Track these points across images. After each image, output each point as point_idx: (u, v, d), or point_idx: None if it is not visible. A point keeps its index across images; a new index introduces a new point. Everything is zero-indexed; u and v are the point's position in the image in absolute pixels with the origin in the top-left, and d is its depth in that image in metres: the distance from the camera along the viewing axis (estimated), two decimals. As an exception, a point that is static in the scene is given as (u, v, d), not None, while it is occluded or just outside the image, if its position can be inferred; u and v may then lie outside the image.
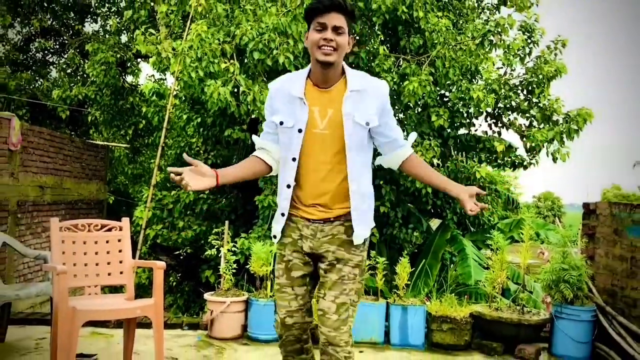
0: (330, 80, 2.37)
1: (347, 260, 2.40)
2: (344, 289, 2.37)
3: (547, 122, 7.50)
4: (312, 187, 2.38)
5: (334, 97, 2.37)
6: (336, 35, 2.29)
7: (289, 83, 2.42)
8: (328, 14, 2.28)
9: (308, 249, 2.41)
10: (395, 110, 7.91)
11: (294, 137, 2.35)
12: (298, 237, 2.43)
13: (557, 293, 4.80)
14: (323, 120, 2.35)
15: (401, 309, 4.88)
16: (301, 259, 2.44)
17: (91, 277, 3.82)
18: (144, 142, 11.94)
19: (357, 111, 2.34)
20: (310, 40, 2.33)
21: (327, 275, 2.40)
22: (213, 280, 7.24)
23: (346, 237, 2.40)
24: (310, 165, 2.36)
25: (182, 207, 7.70)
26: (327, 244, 2.39)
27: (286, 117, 2.38)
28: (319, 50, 2.29)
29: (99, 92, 10.39)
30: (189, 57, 6.29)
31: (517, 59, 7.48)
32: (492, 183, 9.54)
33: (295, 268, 2.44)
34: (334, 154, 2.35)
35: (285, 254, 2.46)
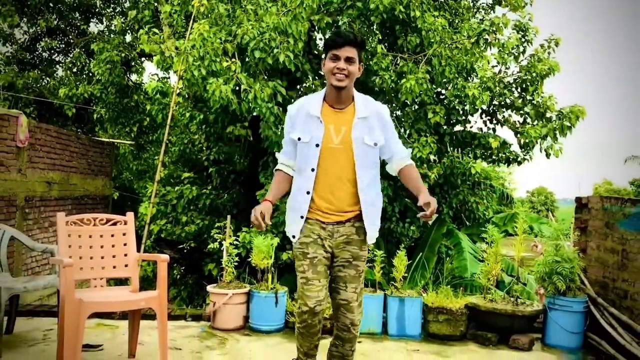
0: (343, 101, 2.74)
1: (360, 256, 2.81)
2: (360, 281, 2.82)
3: (540, 119, 7.49)
4: (327, 193, 2.74)
5: (347, 117, 2.74)
6: (348, 64, 2.66)
7: (307, 104, 2.77)
8: (342, 48, 2.66)
9: (328, 247, 2.77)
10: (392, 107, 7.91)
11: (311, 151, 2.71)
12: (317, 236, 2.76)
13: (550, 285, 4.81)
14: (338, 136, 2.71)
15: (398, 300, 4.88)
16: (323, 254, 2.76)
17: (97, 269, 3.83)
18: (148, 139, 11.93)
19: (366, 134, 2.73)
20: (326, 68, 2.70)
21: (345, 270, 2.80)
22: (215, 273, 7.24)
23: (357, 237, 2.80)
24: (327, 175, 2.72)
25: (185, 203, 7.70)
26: (343, 243, 2.78)
27: (304, 134, 2.73)
28: (333, 77, 2.66)
29: (105, 91, 10.37)
30: (191, 56, 6.28)
31: (512, 58, 7.46)
32: (487, 178, 9.54)
33: (320, 263, 2.75)
34: (346, 166, 2.72)
35: (308, 251, 2.74)
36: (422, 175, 6.88)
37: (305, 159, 2.75)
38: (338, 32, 2.75)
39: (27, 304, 5.84)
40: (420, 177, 2.90)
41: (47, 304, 6.03)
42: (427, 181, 6.93)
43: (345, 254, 2.80)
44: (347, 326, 2.82)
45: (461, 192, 8.35)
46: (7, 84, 12.11)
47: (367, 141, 2.73)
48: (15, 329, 4.47)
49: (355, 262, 2.81)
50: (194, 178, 8.22)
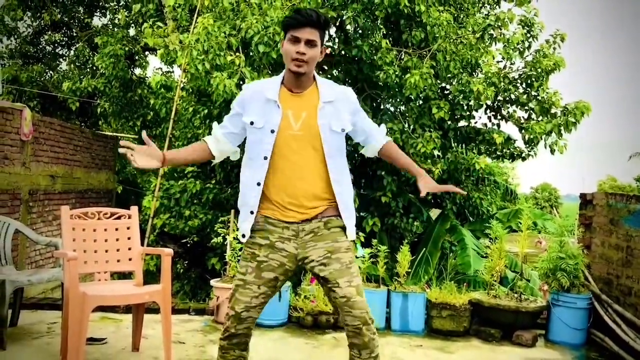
0: (302, 85, 2.48)
1: (338, 248, 2.44)
2: (352, 273, 2.42)
3: (545, 114, 7.47)
4: (287, 186, 2.42)
5: (307, 101, 2.47)
6: (309, 48, 2.40)
7: (264, 87, 2.50)
8: (302, 29, 2.38)
9: (293, 249, 2.44)
10: (396, 102, 7.90)
11: (265, 137, 2.42)
12: (277, 239, 2.43)
13: (554, 281, 4.81)
14: (297, 122, 2.43)
15: (402, 296, 4.89)
16: (279, 262, 2.43)
17: (101, 263, 3.83)
18: (152, 133, 11.92)
19: (333, 119, 2.45)
20: (284, 51, 2.43)
21: (327, 268, 2.42)
22: (219, 268, 7.26)
23: (328, 231, 2.46)
24: (284, 165, 2.42)
25: (188, 197, 7.71)
26: (312, 241, 2.44)
27: (257, 117, 2.44)
28: (292, 62, 2.40)
29: (108, 84, 10.38)
30: (195, 50, 6.27)
31: (517, 53, 7.43)
32: (491, 174, 9.52)
33: (268, 269, 2.43)
34: (309, 154, 2.43)
35: (259, 253, 2.44)
36: (427, 171, 6.86)
37: (257, 146, 2.43)
38: (299, 10, 2.44)
39: (32, 297, 5.86)
40: (404, 154, 2.68)
41: (51, 297, 6.06)
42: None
43: (318, 252, 2.42)
44: (358, 328, 2.38)
45: (465, 188, 8.34)
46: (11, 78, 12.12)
47: (334, 127, 2.44)
48: (19, 322, 4.49)
49: (335, 255, 2.42)
50: (197, 172, 8.23)
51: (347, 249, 2.47)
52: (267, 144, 2.41)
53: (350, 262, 2.45)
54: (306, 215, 2.43)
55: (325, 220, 2.46)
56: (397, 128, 7.06)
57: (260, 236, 2.45)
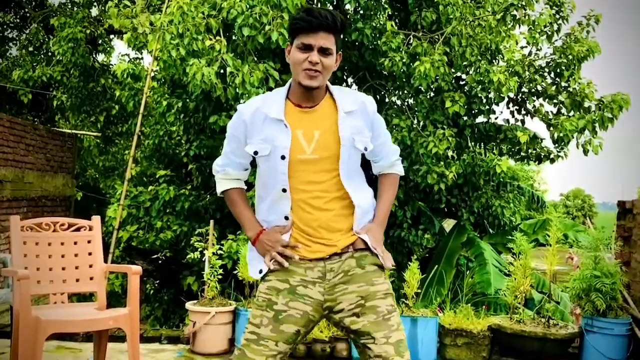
0: (313, 99, 2.39)
1: (375, 293, 2.35)
2: (391, 325, 2.32)
3: (577, 109, 7.50)
4: (308, 219, 2.36)
5: (321, 117, 2.39)
6: (323, 57, 2.31)
7: (264, 104, 2.41)
8: (315, 34, 2.29)
9: (319, 295, 2.34)
10: (405, 94, 7.91)
11: (277, 166, 2.34)
12: (299, 282, 2.34)
13: (587, 303, 4.82)
14: (310, 145, 2.36)
15: (410, 321, 4.89)
16: (302, 311, 2.32)
17: (57, 283, 3.82)
18: (118, 130, 11.92)
19: (356, 134, 2.39)
20: (293, 59, 2.35)
21: (360, 319, 2.32)
22: (196, 288, 7.24)
23: (362, 270, 2.38)
24: (301, 196, 2.36)
25: (160, 205, 7.70)
26: (342, 284, 2.35)
27: (260, 144, 2.36)
28: (303, 73, 2.31)
29: (66, 73, 10.36)
30: (168, 33, 6.28)
31: (544, 37, 7.47)
32: (514, 178, 9.57)
33: (289, 321, 2.31)
34: (329, 179, 2.37)
35: (277, 301, 2.32)
36: (438, 174, 6.90)
37: (270, 178, 2.38)
38: (309, 10, 2.32)
39: (-25, 323, 5.83)
40: (392, 198, 2.61)
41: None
42: (444, 181, 6.95)
43: (350, 298, 2.34)
44: None
45: (484, 195, 8.37)
46: (-50, 65, 12.11)
47: (357, 144, 2.39)
48: (-40, 353, 4.48)
49: (371, 302, 2.32)
50: (170, 176, 8.22)
51: (385, 294, 2.38)
52: (281, 174, 2.35)
53: (390, 311, 2.35)
54: (334, 248, 2.36)
55: (358, 255, 2.39)
56: (404, 125, 7.08)
57: (279, 278, 2.35)
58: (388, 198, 2.58)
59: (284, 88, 2.45)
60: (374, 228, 2.44)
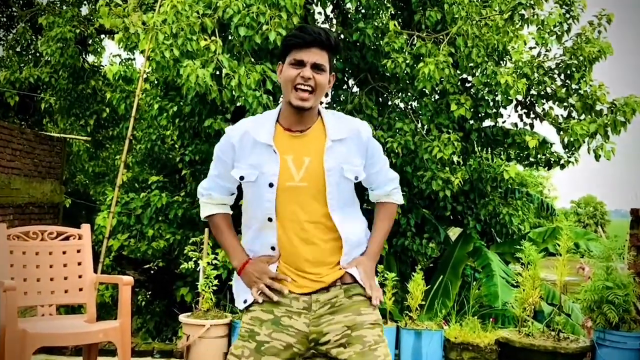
0: (304, 122, 2.40)
1: (360, 323, 2.35)
2: (377, 356, 2.31)
3: (588, 112, 7.51)
4: (295, 253, 2.36)
5: (311, 143, 2.39)
6: (316, 73, 2.32)
7: (253, 128, 2.41)
8: (308, 50, 2.31)
9: (304, 326, 2.34)
10: (408, 97, 7.93)
11: (264, 193, 2.35)
12: (283, 313, 2.34)
13: (599, 316, 4.82)
14: (299, 171, 2.36)
15: (414, 334, 4.89)
16: (285, 343, 2.32)
17: (45, 294, 3.82)
18: (108, 134, 11.92)
19: (345, 163, 2.38)
20: (284, 77, 2.35)
21: (347, 350, 2.32)
22: (190, 300, 7.24)
23: (349, 300, 2.38)
24: (288, 225, 2.36)
25: (152, 213, 7.71)
26: (328, 314, 2.35)
27: (247, 170, 2.38)
28: (294, 93, 2.31)
29: (55, 75, 10.37)
30: (162, 33, 6.30)
31: (553, 38, 7.48)
32: (523, 185, 9.58)
33: (271, 353, 2.31)
34: (318, 210, 2.37)
35: (259, 332, 2.33)
36: (444, 181, 6.92)
37: (256, 205, 2.39)
38: (303, 27, 2.37)
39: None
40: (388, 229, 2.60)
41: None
42: (449, 188, 6.96)
43: (336, 329, 2.33)
44: None
45: (491, 202, 8.37)
46: None
47: (346, 173, 2.38)
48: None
49: (357, 332, 2.33)
50: (163, 182, 8.23)
51: (372, 324, 2.37)
52: (267, 202, 2.35)
53: (377, 341, 2.34)
54: (322, 283, 2.36)
55: (346, 287, 2.39)
56: (408, 129, 7.09)
57: (263, 309, 2.36)
58: (383, 229, 2.57)
59: (275, 111, 2.45)
60: (364, 262, 2.43)
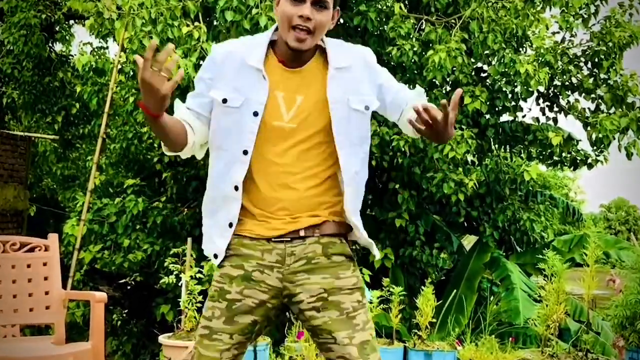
0: (301, 59, 2.36)
1: (338, 288, 2.34)
2: (356, 324, 2.31)
3: (619, 105, 7.53)
4: (272, 189, 2.32)
5: (308, 80, 2.36)
6: (317, 11, 2.26)
7: (243, 48, 2.36)
8: None
9: (277, 282, 2.33)
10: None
11: (245, 123, 2.30)
12: (254, 267, 2.33)
13: (632, 334, 4.82)
14: (289, 111, 2.33)
15: (424, 355, 4.89)
16: (258, 299, 2.33)
17: (7, 313, 3.81)
18: (78, 132, 11.91)
19: (351, 93, 2.35)
20: (280, 13, 2.29)
21: (320, 315, 2.33)
22: (171, 318, 7.23)
23: (327, 260, 2.35)
24: (264, 166, 2.33)
25: (128, 220, 7.70)
26: (303, 272, 2.33)
27: (232, 92, 2.32)
28: (291, 32, 2.26)
29: (17, 66, 10.37)
30: (139, 19, 6.30)
31: (579, 21, 7.49)
32: (546, 187, 9.58)
33: (243, 311, 2.33)
34: (300, 156, 2.33)
35: (230, 289, 2.34)
36: (456, 183, 6.92)
37: (231, 135, 2.32)
38: None
39: None
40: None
41: (-64, 361, 6.01)
42: (463, 191, 6.95)
43: (311, 289, 2.33)
44: None
45: (510, 206, 8.37)
46: None
47: (354, 104, 2.35)
48: None
49: (335, 297, 2.32)
50: (141, 186, 8.23)
51: (351, 288, 2.36)
52: (248, 133, 2.30)
53: (355, 308, 2.34)
54: (296, 224, 2.32)
55: (325, 242, 2.35)
56: (416, 124, 7.09)
57: (232, 264, 2.36)
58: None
59: (267, 34, 2.39)
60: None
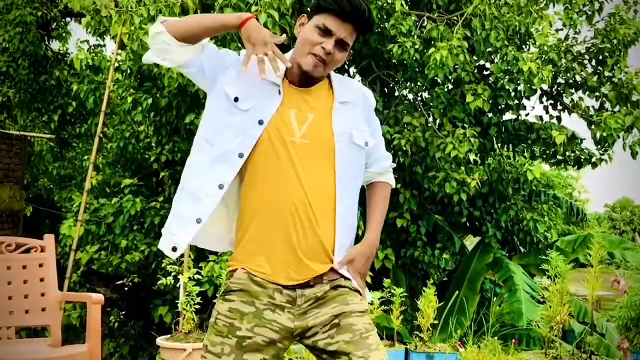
0: (311, 80, 2.48)
1: (348, 312, 2.38)
2: (370, 344, 2.34)
3: (623, 103, 7.52)
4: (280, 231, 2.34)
5: (316, 101, 2.47)
6: (337, 49, 2.41)
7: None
8: (343, 23, 2.38)
9: (288, 322, 2.36)
10: (418, 87, 7.93)
11: (248, 128, 2.37)
12: (265, 305, 2.35)
13: (637, 335, 4.82)
14: (301, 127, 2.39)
15: (425, 357, 4.88)
16: (267, 338, 2.34)
17: (2, 315, 3.81)
18: (75, 131, 11.91)
19: (353, 128, 2.46)
20: (304, 37, 2.41)
21: (335, 340, 2.34)
22: (169, 320, 7.23)
23: (335, 292, 2.40)
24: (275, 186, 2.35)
25: (125, 221, 7.70)
26: (314, 309, 2.38)
27: (244, 95, 2.41)
28: (308, 57, 2.38)
29: (13, 64, 10.36)
30: (137, 16, 6.30)
31: (583, 18, 7.50)
32: (550, 187, 9.58)
33: (254, 349, 2.33)
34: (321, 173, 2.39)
35: (240, 326, 2.34)
36: (459, 182, 6.91)
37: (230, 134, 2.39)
38: None
39: None
40: (385, 211, 2.62)
41: None
42: (465, 190, 6.95)
43: (323, 319, 2.36)
44: None
45: (513, 206, 8.37)
46: None
47: (356, 139, 2.46)
48: None
49: (345, 320, 2.36)
50: (138, 186, 8.22)
51: (361, 311, 2.41)
52: (248, 138, 2.36)
53: (367, 329, 2.37)
54: (306, 274, 2.36)
55: (333, 283, 2.41)
56: (417, 123, 7.09)
57: (242, 300, 2.37)
58: (381, 213, 2.59)
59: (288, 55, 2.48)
60: (358, 258, 2.44)
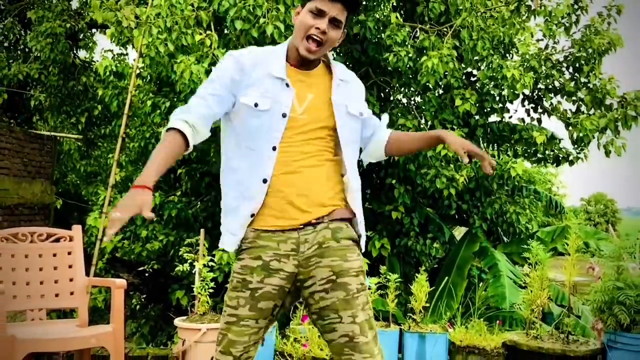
0: (309, 64, 2.58)
1: (348, 270, 2.44)
2: (358, 305, 2.41)
3: (598, 106, 7.51)
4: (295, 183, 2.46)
5: (314, 81, 2.58)
6: (331, 27, 2.47)
7: (266, 60, 2.54)
8: (332, 3, 2.45)
9: (293, 268, 2.44)
10: (411, 92, 7.93)
11: (274, 123, 2.46)
12: (271, 257, 2.43)
13: (610, 317, 4.81)
14: (301, 105, 2.51)
15: (418, 337, 4.89)
16: (276, 285, 2.43)
17: (34, 298, 3.82)
18: (100, 132, 11.91)
19: (349, 101, 2.59)
20: (300, 23, 2.49)
21: (329, 296, 2.41)
22: (185, 303, 7.24)
23: (336, 243, 2.46)
24: (291, 156, 2.47)
25: (146, 213, 7.70)
26: (316, 257, 2.44)
27: (260, 98, 2.47)
28: (305, 42, 2.47)
29: (44, 71, 10.37)
30: (155, 27, 6.29)
31: (562, 29, 7.48)
32: (531, 182, 9.57)
33: (266, 297, 2.43)
34: (318, 143, 2.51)
35: (252, 280, 2.43)
36: (448, 178, 6.92)
37: (262, 133, 2.46)
38: None
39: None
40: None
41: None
42: (454, 186, 6.96)
43: (322, 272, 2.42)
44: None
45: (498, 200, 8.37)
46: None
47: (351, 109, 2.58)
48: None
49: (342, 278, 2.41)
50: (157, 182, 8.22)
51: (357, 271, 2.47)
52: (276, 131, 2.45)
53: (359, 289, 2.44)
54: (308, 215, 2.45)
55: (334, 227, 2.48)
56: (411, 124, 7.09)
57: (251, 256, 2.46)
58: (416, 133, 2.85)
59: (283, 46, 2.59)
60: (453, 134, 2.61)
